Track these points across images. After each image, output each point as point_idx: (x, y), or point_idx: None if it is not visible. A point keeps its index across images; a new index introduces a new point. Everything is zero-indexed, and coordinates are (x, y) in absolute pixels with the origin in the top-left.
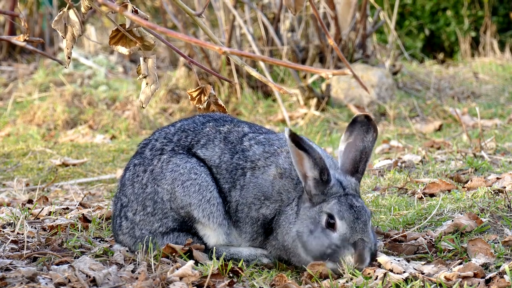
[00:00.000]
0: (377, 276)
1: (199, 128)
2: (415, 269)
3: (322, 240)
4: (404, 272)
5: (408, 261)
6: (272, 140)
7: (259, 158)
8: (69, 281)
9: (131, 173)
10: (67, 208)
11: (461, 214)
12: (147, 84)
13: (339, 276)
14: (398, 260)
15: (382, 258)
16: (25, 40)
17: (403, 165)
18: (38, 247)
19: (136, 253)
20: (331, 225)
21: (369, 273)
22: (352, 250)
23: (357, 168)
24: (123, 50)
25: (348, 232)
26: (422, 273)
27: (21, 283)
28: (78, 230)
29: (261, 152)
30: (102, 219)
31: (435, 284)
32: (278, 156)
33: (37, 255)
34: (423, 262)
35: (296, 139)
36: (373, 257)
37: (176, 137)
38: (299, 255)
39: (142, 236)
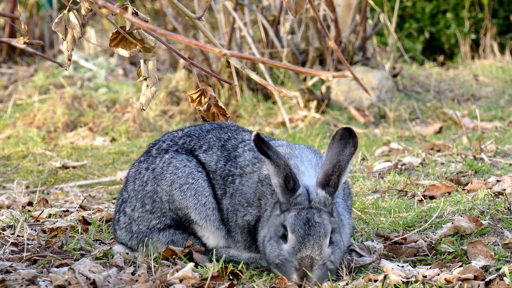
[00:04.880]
0: (377, 279)
1: (203, 135)
2: (415, 271)
3: (274, 248)
4: (404, 274)
5: (413, 266)
6: None
7: (248, 164)
8: (69, 284)
9: (134, 169)
10: (67, 211)
11: (461, 216)
12: (147, 86)
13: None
14: (402, 266)
15: (382, 261)
16: (25, 43)
17: (403, 167)
18: (38, 249)
19: (136, 255)
20: (284, 237)
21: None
22: (297, 266)
23: (328, 181)
24: (123, 52)
25: (297, 247)
26: (423, 276)
27: (21, 286)
28: (78, 233)
29: (250, 158)
30: (102, 222)
31: (435, 287)
32: (263, 162)
33: (37, 258)
34: (423, 265)
35: (258, 144)
36: (331, 272)
37: (182, 140)
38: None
39: (138, 231)
